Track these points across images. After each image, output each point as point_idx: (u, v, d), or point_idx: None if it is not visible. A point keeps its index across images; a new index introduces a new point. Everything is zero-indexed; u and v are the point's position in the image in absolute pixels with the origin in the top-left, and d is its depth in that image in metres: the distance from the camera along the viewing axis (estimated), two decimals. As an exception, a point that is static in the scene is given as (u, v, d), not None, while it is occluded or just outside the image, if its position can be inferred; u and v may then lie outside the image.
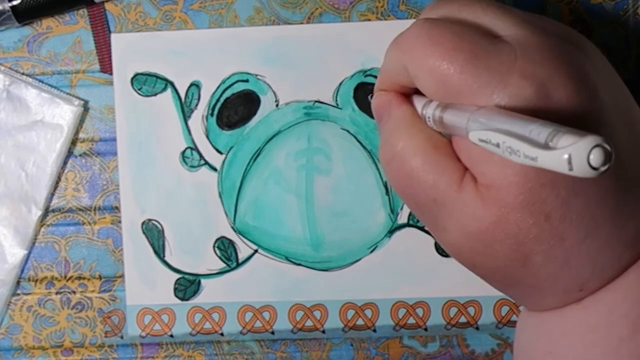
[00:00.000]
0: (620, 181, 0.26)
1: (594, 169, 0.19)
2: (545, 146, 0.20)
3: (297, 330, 0.38)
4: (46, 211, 0.39)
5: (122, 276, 0.39)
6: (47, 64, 0.39)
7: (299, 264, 0.38)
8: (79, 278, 0.39)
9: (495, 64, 0.25)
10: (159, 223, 0.38)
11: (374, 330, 0.38)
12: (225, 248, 0.38)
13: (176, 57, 0.38)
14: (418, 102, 0.30)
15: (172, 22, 0.38)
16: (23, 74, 0.39)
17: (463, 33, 0.26)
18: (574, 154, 0.19)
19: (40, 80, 0.39)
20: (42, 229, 0.39)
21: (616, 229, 0.25)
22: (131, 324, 0.38)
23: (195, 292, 0.38)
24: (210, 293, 0.38)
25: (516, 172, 0.24)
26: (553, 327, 0.27)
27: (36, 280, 0.39)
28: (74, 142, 0.39)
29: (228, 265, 0.38)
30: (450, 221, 0.27)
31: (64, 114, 0.38)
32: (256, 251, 0.38)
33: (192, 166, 0.38)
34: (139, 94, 0.38)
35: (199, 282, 0.38)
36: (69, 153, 0.39)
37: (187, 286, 0.38)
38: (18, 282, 0.39)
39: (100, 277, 0.39)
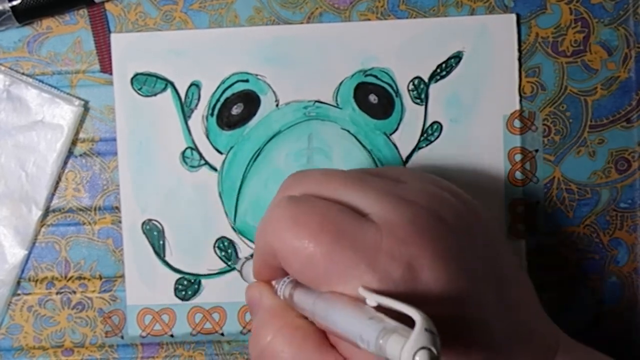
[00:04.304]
0: (490, 350, 0.26)
1: None
2: (377, 344, 0.21)
3: (298, 330, 0.38)
4: (46, 211, 0.39)
5: (122, 276, 0.39)
6: (47, 64, 0.39)
7: (299, 264, 0.38)
8: (80, 278, 0.39)
9: (362, 245, 0.25)
10: (159, 223, 0.38)
11: (374, 330, 0.38)
12: (225, 248, 0.38)
13: (176, 57, 0.38)
14: (275, 283, 0.30)
15: (172, 22, 0.38)
16: (23, 74, 0.39)
17: (328, 212, 0.26)
18: (403, 356, 0.20)
19: (40, 81, 0.38)
20: (43, 229, 0.39)
21: None
22: (131, 324, 0.38)
23: (196, 292, 0.38)
24: (210, 293, 0.38)
25: None
26: None
27: (36, 281, 0.39)
28: (74, 142, 0.39)
29: (228, 265, 0.38)
30: None
31: (64, 114, 0.38)
32: (256, 251, 0.38)
33: (192, 166, 0.38)
34: (139, 94, 0.38)
35: (200, 282, 0.38)
36: (69, 153, 0.39)
37: (188, 286, 0.38)
38: (18, 282, 0.39)
39: (100, 277, 0.39)
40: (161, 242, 0.38)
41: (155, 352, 0.39)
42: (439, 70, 0.38)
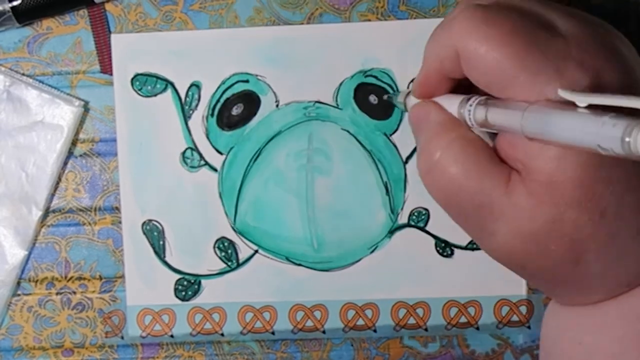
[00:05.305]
0: None
1: None
2: (624, 144, 0.20)
3: (298, 330, 0.38)
4: (46, 212, 0.39)
5: (122, 276, 0.39)
6: (48, 65, 0.39)
7: (300, 264, 0.38)
8: (80, 278, 0.39)
9: (552, 52, 0.25)
10: (159, 223, 0.38)
11: (375, 331, 0.38)
12: (225, 248, 0.38)
13: (176, 58, 0.38)
14: (453, 102, 0.28)
15: (172, 23, 0.38)
16: (23, 74, 0.39)
17: (520, 18, 0.26)
18: None
19: (40, 81, 0.39)
20: (43, 230, 0.39)
21: None
22: (131, 325, 0.38)
23: (196, 293, 0.38)
24: (210, 293, 0.38)
25: (574, 167, 0.24)
26: (585, 320, 0.27)
27: (36, 281, 0.39)
28: (74, 143, 0.39)
29: (228, 265, 0.38)
30: (499, 225, 0.26)
31: (64, 114, 0.38)
32: (256, 251, 0.38)
33: (192, 167, 0.38)
34: (139, 94, 0.38)
35: (200, 282, 0.38)
36: (69, 153, 0.39)
37: (188, 286, 0.38)
38: (18, 283, 0.39)
39: (100, 278, 0.39)
40: (161, 243, 0.38)
41: (155, 352, 0.39)
42: (439, 71, 0.38)
